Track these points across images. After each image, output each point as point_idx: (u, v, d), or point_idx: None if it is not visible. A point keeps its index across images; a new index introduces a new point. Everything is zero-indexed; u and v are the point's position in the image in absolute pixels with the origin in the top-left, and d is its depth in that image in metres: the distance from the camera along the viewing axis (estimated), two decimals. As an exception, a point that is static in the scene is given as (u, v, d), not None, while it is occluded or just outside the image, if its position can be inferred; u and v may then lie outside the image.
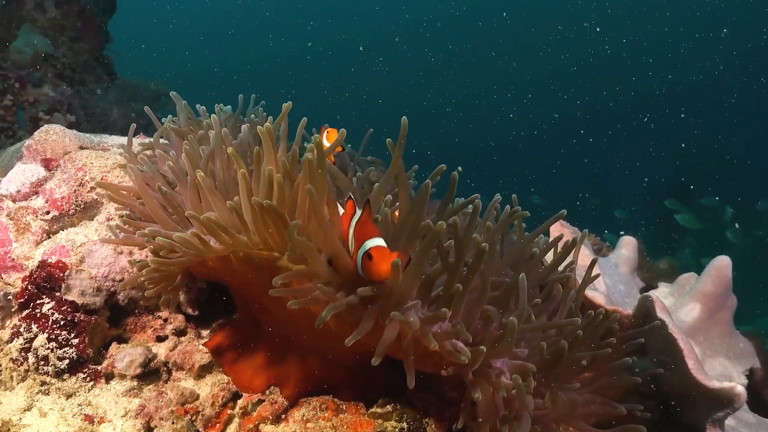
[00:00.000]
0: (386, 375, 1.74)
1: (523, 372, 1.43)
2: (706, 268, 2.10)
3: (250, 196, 1.42)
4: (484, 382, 1.44)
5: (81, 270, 1.87)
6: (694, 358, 1.66)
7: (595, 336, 1.65)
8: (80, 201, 2.00)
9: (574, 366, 1.56)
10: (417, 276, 1.34)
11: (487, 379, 1.44)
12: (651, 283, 2.57)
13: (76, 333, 1.85)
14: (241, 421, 1.81)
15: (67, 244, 1.91)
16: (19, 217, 1.96)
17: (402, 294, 1.34)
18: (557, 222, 2.29)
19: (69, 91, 4.64)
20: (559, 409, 1.49)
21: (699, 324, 2.07)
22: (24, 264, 1.89)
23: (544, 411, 1.50)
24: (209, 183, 1.52)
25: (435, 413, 1.77)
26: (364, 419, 1.77)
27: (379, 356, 1.33)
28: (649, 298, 1.79)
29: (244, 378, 1.87)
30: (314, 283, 1.35)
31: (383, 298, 1.34)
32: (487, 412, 1.44)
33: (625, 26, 29.37)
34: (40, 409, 1.76)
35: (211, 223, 1.42)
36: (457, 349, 1.36)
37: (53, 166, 2.08)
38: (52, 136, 2.11)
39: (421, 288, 1.42)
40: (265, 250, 1.45)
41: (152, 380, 1.91)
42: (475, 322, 1.47)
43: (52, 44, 4.74)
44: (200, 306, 2.00)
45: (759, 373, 2.14)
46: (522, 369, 1.45)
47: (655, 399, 1.92)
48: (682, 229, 12.14)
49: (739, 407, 1.60)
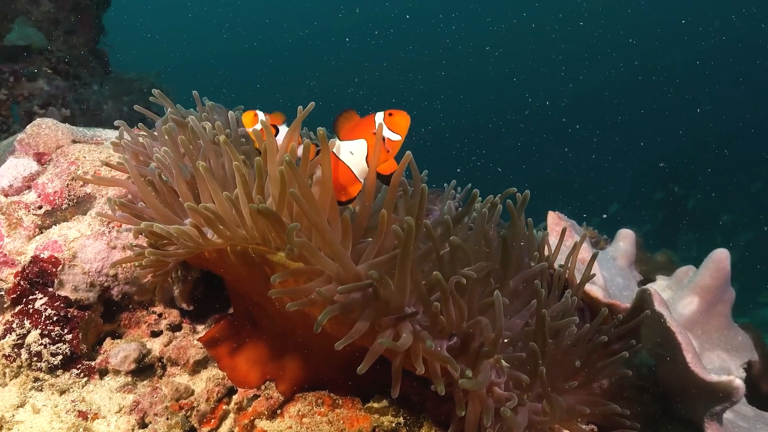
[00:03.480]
0: (382, 370, 1.73)
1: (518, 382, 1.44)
2: (705, 261, 2.09)
3: (246, 189, 1.40)
4: (475, 397, 1.43)
5: (74, 265, 1.86)
6: (692, 351, 1.65)
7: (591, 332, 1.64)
8: (73, 195, 1.98)
9: (569, 366, 1.55)
10: (407, 280, 1.33)
11: (479, 396, 1.44)
12: (649, 276, 2.56)
13: (69, 329, 1.83)
14: (237, 417, 1.79)
15: (60, 239, 1.89)
16: (11, 211, 1.94)
17: (398, 302, 1.34)
18: (554, 215, 2.28)
19: (64, 84, 4.61)
20: (557, 415, 1.49)
21: (697, 317, 2.06)
22: (16, 259, 1.87)
23: (543, 418, 1.49)
24: (210, 174, 1.50)
25: (431, 408, 1.76)
26: (361, 414, 1.76)
27: (366, 365, 1.35)
28: (647, 291, 1.77)
29: (240, 373, 1.86)
30: (315, 283, 1.34)
31: (381, 303, 1.33)
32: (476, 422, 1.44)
33: (615, 15, 29.39)
34: (34, 406, 1.74)
35: (210, 213, 1.40)
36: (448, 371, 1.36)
37: (46, 160, 2.05)
38: (44, 130, 2.08)
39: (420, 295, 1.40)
40: (263, 245, 1.43)
41: (147, 376, 1.90)
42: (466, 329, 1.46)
43: (47, 38, 4.70)
44: (195, 301, 1.99)
45: (757, 366, 2.13)
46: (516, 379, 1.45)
47: (652, 392, 1.91)
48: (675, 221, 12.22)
49: (737, 401, 1.59)
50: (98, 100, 4.87)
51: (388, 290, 1.31)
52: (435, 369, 1.37)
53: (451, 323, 1.40)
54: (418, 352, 1.36)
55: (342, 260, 1.34)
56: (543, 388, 1.46)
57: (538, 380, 1.46)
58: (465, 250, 1.43)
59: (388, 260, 1.37)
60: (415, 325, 1.38)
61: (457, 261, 1.42)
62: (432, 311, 1.35)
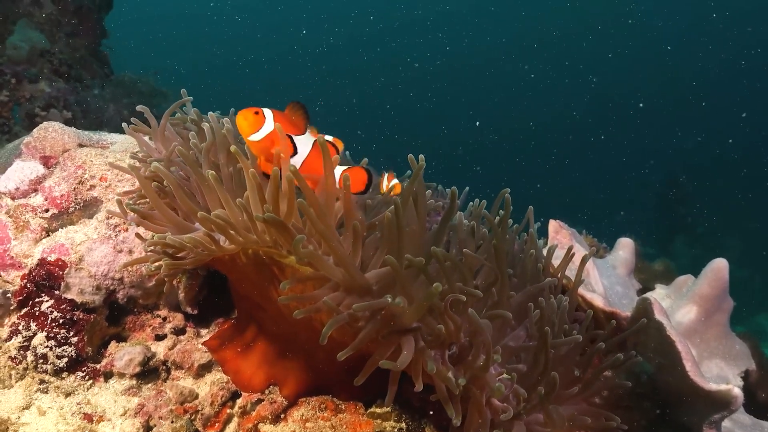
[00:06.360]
0: (385, 376, 1.75)
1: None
2: (704, 271, 2.11)
3: (260, 195, 1.42)
4: (473, 407, 1.46)
5: (80, 268, 1.87)
6: (691, 360, 1.67)
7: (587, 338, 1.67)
8: (80, 199, 2.00)
9: (569, 374, 1.57)
10: (424, 306, 1.36)
11: (478, 407, 1.46)
12: (647, 285, 2.58)
13: (75, 331, 1.85)
14: (241, 421, 1.81)
15: (67, 242, 1.90)
16: (18, 214, 1.95)
17: (409, 320, 1.37)
18: (556, 223, 2.31)
19: (65, 86, 4.62)
20: (558, 426, 1.51)
21: (696, 326, 2.08)
22: (23, 262, 1.88)
23: (544, 429, 1.52)
24: (219, 182, 1.52)
25: (433, 414, 1.78)
26: (363, 419, 1.78)
27: (362, 377, 1.41)
28: (647, 300, 1.80)
29: (244, 377, 1.87)
30: (323, 291, 1.36)
31: (388, 314, 1.35)
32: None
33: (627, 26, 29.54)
34: (39, 408, 1.75)
35: (222, 221, 1.42)
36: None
37: (52, 163, 2.07)
38: (51, 134, 2.10)
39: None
40: (273, 248, 1.45)
41: (151, 379, 1.91)
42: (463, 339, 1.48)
43: (49, 40, 4.72)
44: (199, 305, 2.00)
45: (754, 374, 2.15)
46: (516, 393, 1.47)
47: (651, 400, 1.93)
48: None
49: (736, 410, 1.61)
50: (99, 103, 4.88)
51: (401, 309, 1.34)
52: (445, 395, 1.40)
53: (450, 334, 1.42)
54: (419, 371, 1.38)
55: (349, 269, 1.36)
56: (544, 403, 1.49)
57: (539, 393, 1.49)
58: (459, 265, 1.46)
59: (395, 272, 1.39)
60: (419, 341, 1.40)
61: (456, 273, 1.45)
62: (436, 332, 1.38)
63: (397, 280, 1.34)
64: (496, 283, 1.57)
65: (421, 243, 1.49)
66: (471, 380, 1.43)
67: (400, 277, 1.32)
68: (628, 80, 28.99)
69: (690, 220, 13.60)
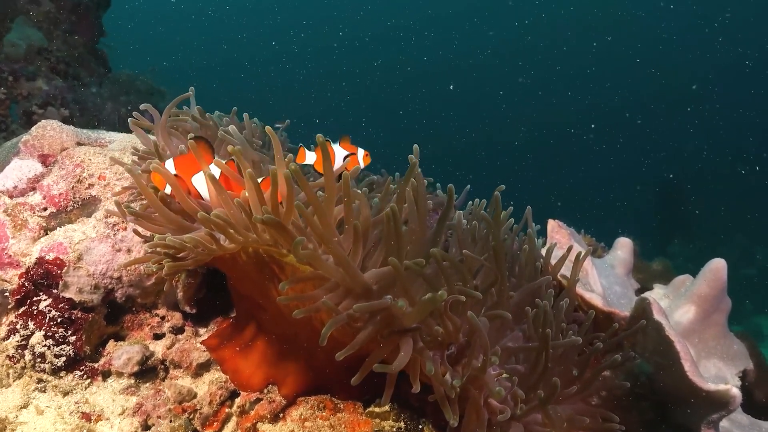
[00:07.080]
0: (384, 375, 1.75)
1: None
2: (702, 271, 2.12)
3: (259, 195, 1.42)
4: (471, 407, 1.46)
5: (79, 267, 1.87)
6: (690, 360, 1.67)
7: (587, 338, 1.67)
8: (78, 197, 1.99)
9: (567, 374, 1.57)
10: (426, 310, 1.36)
11: (475, 408, 1.46)
12: (646, 285, 2.59)
13: (73, 330, 1.84)
14: (239, 420, 1.81)
15: (65, 240, 1.90)
16: (16, 213, 1.95)
17: (409, 322, 1.37)
18: (554, 222, 2.31)
19: (63, 84, 4.61)
20: (555, 427, 1.51)
21: (694, 326, 2.09)
22: (21, 261, 1.88)
23: (544, 429, 1.52)
24: (218, 183, 1.52)
25: (432, 413, 1.78)
26: (362, 418, 1.78)
27: (359, 378, 1.41)
28: (646, 300, 1.80)
29: (242, 376, 1.87)
30: (322, 291, 1.36)
31: (388, 315, 1.35)
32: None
33: (625, 28, 29.58)
34: (37, 407, 1.75)
35: (221, 221, 1.42)
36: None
37: (50, 162, 2.06)
38: (49, 132, 2.09)
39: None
40: (273, 247, 1.45)
41: (149, 378, 1.91)
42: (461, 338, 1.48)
43: (46, 38, 4.71)
44: (198, 304, 2.00)
45: (752, 374, 2.16)
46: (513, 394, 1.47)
47: (650, 400, 1.93)
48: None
49: (734, 409, 1.61)
50: (97, 101, 4.87)
51: (402, 311, 1.33)
52: (443, 396, 1.40)
53: (449, 334, 1.42)
54: (417, 373, 1.38)
55: (348, 269, 1.36)
56: (543, 406, 1.49)
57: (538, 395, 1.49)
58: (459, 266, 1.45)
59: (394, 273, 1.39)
60: (418, 341, 1.40)
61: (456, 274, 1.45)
62: (434, 334, 1.38)
63: (397, 281, 1.33)
64: (495, 284, 1.57)
65: (422, 242, 1.49)
66: (469, 380, 1.43)
67: (401, 278, 1.32)
68: (628, 80, 29.06)
69: (689, 221, 13.63)
